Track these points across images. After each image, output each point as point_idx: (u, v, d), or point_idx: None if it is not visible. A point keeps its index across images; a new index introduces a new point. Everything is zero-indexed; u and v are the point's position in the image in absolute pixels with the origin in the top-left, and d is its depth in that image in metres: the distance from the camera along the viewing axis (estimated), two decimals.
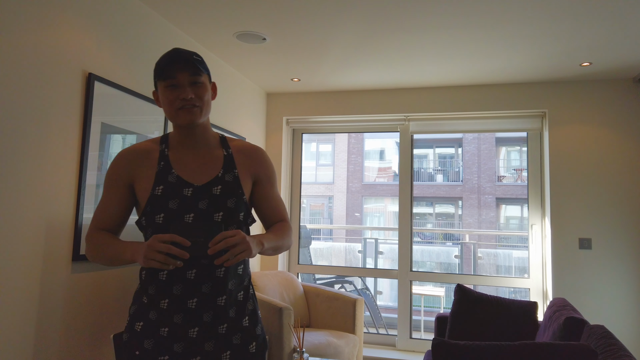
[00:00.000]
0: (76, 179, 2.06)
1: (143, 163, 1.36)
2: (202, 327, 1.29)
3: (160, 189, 1.31)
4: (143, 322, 1.31)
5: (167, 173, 1.33)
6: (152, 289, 1.32)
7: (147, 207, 1.32)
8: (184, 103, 1.31)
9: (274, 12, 2.56)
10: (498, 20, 2.59)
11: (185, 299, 1.28)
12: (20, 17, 1.78)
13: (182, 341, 1.28)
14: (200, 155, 1.39)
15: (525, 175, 12.30)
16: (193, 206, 1.31)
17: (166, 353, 1.27)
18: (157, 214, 1.30)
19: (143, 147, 1.39)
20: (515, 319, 2.75)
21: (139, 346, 1.29)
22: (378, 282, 6.70)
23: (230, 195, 1.35)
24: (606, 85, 3.53)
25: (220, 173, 1.37)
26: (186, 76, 1.31)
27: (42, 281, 1.88)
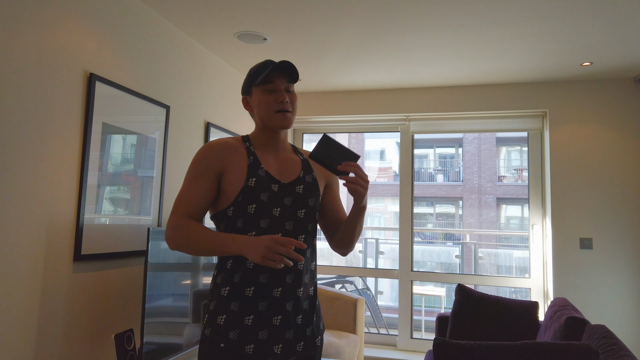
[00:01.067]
0: (77, 179, 2.06)
1: (233, 155, 1.42)
2: (285, 316, 1.35)
3: (254, 181, 1.38)
4: (226, 315, 1.33)
5: (257, 167, 1.41)
6: (238, 277, 1.36)
7: (238, 197, 1.36)
8: (281, 106, 1.41)
9: (274, 13, 2.56)
10: (498, 20, 2.59)
11: (271, 288, 1.34)
12: (21, 17, 1.78)
13: (267, 328, 1.33)
14: (280, 157, 1.49)
15: (525, 175, 12.29)
16: (280, 201, 1.40)
17: (251, 342, 1.31)
18: (250, 204, 1.36)
19: (231, 142, 1.45)
20: (516, 318, 2.75)
21: (224, 338, 1.31)
22: (379, 282, 6.70)
23: (312, 195, 1.47)
24: (607, 85, 3.53)
25: (301, 174, 1.48)
26: (283, 82, 1.43)
27: (43, 281, 1.88)
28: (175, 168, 2.80)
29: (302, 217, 1.42)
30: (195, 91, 3.04)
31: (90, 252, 2.11)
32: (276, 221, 1.37)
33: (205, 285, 2.58)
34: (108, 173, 2.24)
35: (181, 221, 1.35)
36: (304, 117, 4.17)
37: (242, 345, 1.30)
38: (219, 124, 3.33)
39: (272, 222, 1.37)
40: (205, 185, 1.38)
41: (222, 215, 1.40)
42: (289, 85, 1.45)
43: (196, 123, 3.04)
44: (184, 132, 2.89)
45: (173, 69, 2.79)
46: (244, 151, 1.44)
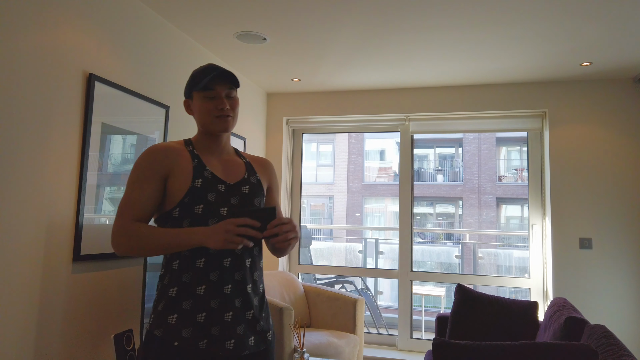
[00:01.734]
0: (77, 179, 2.06)
1: (178, 158, 1.44)
2: (235, 312, 1.39)
3: (200, 182, 1.41)
4: (177, 314, 1.36)
5: (203, 169, 1.44)
6: (187, 277, 1.38)
7: (185, 198, 1.39)
8: (221, 113, 1.45)
9: (274, 13, 2.56)
10: (498, 21, 2.59)
11: (221, 285, 1.38)
12: (20, 18, 1.78)
13: (219, 325, 1.36)
14: (224, 159, 1.53)
15: (525, 175, 12.29)
16: (227, 201, 1.43)
17: (204, 337, 1.34)
18: (197, 205, 1.39)
19: (174, 145, 1.48)
20: (515, 318, 2.75)
21: (178, 337, 1.34)
22: (378, 282, 6.69)
23: (257, 195, 1.51)
24: (606, 85, 3.53)
25: (246, 175, 1.52)
26: (224, 89, 1.47)
27: (42, 281, 1.88)
28: None
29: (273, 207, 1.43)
30: None
31: (89, 252, 2.11)
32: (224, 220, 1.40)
33: None
34: (108, 173, 2.24)
35: (130, 225, 1.37)
36: (303, 117, 4.17)
37: (196, 342, 1.33)
38: None
39: (219, 221, 1.39)
40: (151, 189, 1.40)
41: (167, 216, 1.41)
42: (230, 91, 1.48)
43: (196, 123, 3.04)
44: (183, 132, 2.89)
45: (172, 69, 2.79)
46: (187, 154, 1.46)
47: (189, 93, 1.51)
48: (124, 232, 1.36)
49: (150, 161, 1.42)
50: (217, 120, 1.46)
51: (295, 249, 4.22)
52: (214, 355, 1.35)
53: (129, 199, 1.39)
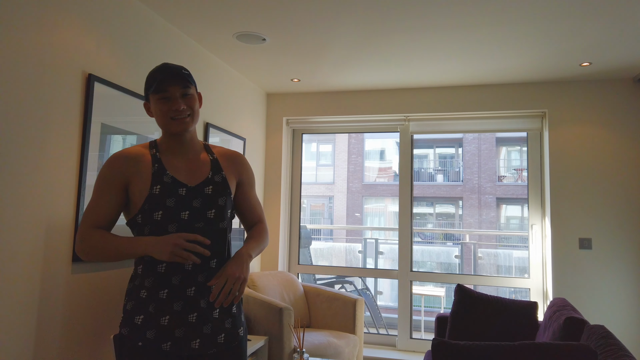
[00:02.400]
0: (76, 179, 2.06)
1: (138, 165, 1.46)
2: (200, 313, 1.41)
3: (158, 188, 1.42)
4: (143, 315, 1.39)
5: (162, 174, 1.45)
6: (149, 282, 1.41)
7: (144, 205, 1.42)
8: (176, 114, 1.44)
9: (273, 13, 2.56)
10: (497, 21, 2.59)
11: (184, 288, 1.40)
12: (20, 18, 1.78)
13: (183, 327, 1.39)
14: (189, 159, 1.52)
15: (525, 175, 12.29)
16: (188, 204, 1.44)
17: (168, 339, 1.38)
18: (156, 212, 1.41)
19: (135, 151, 1.49)
20: (515, 319, 2.75)
21: (142, 337, 1.37)
22: (378, 282, 6.70)
23: (221, 194, 1.50)
24: (606, 85, 3.53)
25: (210, 175, 1.52)
26: (177, 89, 1.44)
27: (42, 281, 1.88)
28: None
29: (212, 218, 1.47)
30: None
31: None
32: (184, 224, 1.43)
33: None
34: None
35: (88, 232, 1.40)
36: (303, 117, 4.17)
37: (159, 344, 1.37)
38: (218, 125, 3.33)
39: (180, 226, 1.42)
40: (110, 197, 1.43)
41: (133, 222, 1.46)
42: (185, 89, 1.46)
43: None
44: None
45: None
46: (149, 159, 1.47)
47: (146, 96, 1.50)
48: (82, 238, 1.40)
49: (109, 170, 1.44)
50: (174, 122, 1.45)
51: (295, 249, 4.23)
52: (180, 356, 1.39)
53: (90, 207, 1.43)
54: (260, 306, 3.00)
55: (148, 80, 1.46)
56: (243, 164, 1.64)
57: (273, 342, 2.89)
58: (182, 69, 1.45)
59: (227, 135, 3.45)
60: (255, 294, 3.10)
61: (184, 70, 1.47)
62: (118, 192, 1.44)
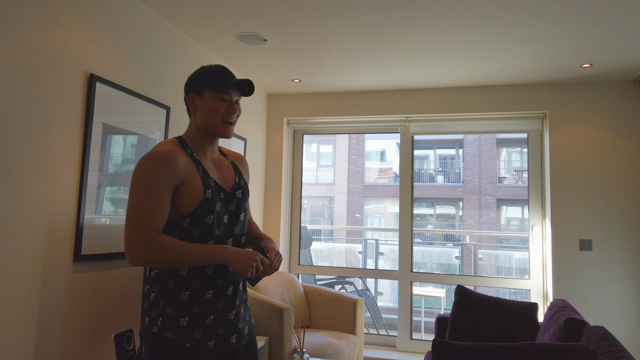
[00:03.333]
0: (77, 179, 2.07)
1: (186, 166, 1.42)
2: (236, 310, 1.51)
3: (210, 193, 1.44)
4: (188, 317, 1.41)
5: (208, 178, 1.46)
6: (197, 283, 1.43)
7: (198, 209, 1.41)
8: (229, 117, 1.49)
9: (275, 13, 2.57)
10: (498, 22, 2.59)
11: (225, 288, 1.47)
12: (22, 18, 1.79)
13: (224, 324, 1.46)
14: (216, 162, 1.56)
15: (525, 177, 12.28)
16: (227, 208, 1.49)
17: (213, 338, 1.43)
18: (208, 215, 1.43)
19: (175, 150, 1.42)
20: (515, 320, 2.75)
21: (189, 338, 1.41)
22: (378, 282, 6.70)
23: (246, 198, 1.58)
24: (607, 87, 3.53)
25: (237, 179, 1.57)
26: (236, 94, 1.51)
27: (43, 281, 1.89)
28: None
29: (242, 220, 1.55)
30: None
31: (90, 252, 2.12)
32: (227, 228, 1.48)
33: None
34: (108, 173, 2.25)
35: (154, 236, 1.32)
36: (304, 118, 4.18)
37: (206, 342, 1.42)
38: None
39: (224, 229, 1.47)
40: (164, 197, 1.36)
41: (175, 225, 1.40)
42: (239, 98, 1.54)
43: None
44: (184, 132, 2.90)
45: (173, 69, 2.79)
46: (190, 159, 1.44)
47: (198, 89, 1.48)
48: (147, 244, 1.30)
49: (164, 168, 1.36)
50: (224, 125, 1.49)
51: (295, 249, 4.23)
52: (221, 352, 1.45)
53: (147, 208, 1.32)
54: (261, 306, 3.00)
55: (208, 74, 1.46)
56: (247, 166, 1.71)
57: (273, 342, 2.89)
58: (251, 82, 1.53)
59: None
60: (255, 294, 3.10)
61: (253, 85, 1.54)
62: (170, 192, 1.38)
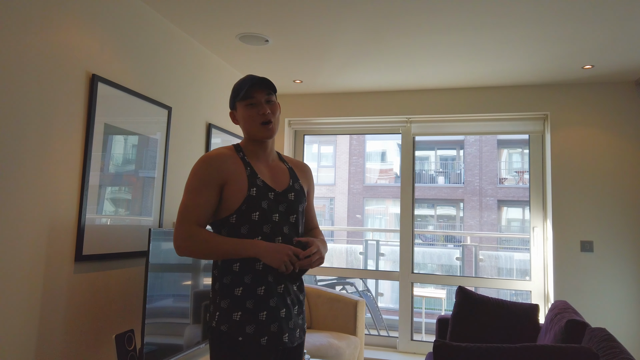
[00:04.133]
0: (79, 179, 2.07)
1: (233, 167, 1.53)
2: (287, 309, 1.52)
3: (255, 190, 1.51)
4: (241, 312, 1.46)
5: (255, 177, 1.54)
6: (249, 278, 1.49)
7: (242, 206, 1.49)
8: (263, 118, 1.54)
9: (276, 14, 2.57)
10: (500, 23, 2.59)
11: (276, 285, 1.50)
12: (23, 18, 1.79)
13: (277, 322, 1.49)
14: (271, 166, 1.63)
15: (526, 178, 12.27)
16: (276, 208, 1.54)
17: (265, 334, 1.46)
18: (253, 212, 1.50)
19: (227, 152, 1.56)
20: (516, 321, 2.75)
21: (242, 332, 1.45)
22: (379, 283, 6.69)
23: (301, 202, 1.62)
24: (608, 88, 3.53)
25: (291, 182, 1.62)
26: (262, 95, 1.56)
27: (44, 281, 1.89)
28: (176, 169, 2.81)
29: (293, 222, 1.58)
30: (197, 92, 3.04)
31: (91, 252, 2.12)
32: (276, 226, 1.52)
33: (206, 285, 2.58)
34: (109, 173, 2.25)
35: (195, 229, 1.46)
36: (305, 118, 4.18)
37: (258, 338, 1.45)
38: (220, 126, 3.34)
39: (273, 227, 1.51)
40: (209, 195, 1.49)
41: (224, 222, 1.52)
42: (269, 96, 1.57)
43: (198, 124, 3.05)
44: (185, 133, 2.90)
45: (175, 70, 2.79)
46: (240, 161, 1.55)
47: (233, 104, 1.61)
48: (188, 236, 1.45)
49: (207, 168, 1.50)
50: (262, 128, 1.54)
51: None
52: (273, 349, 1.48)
53: (191, 204, 1.48)
54: None
55: (235, 89, 1.57)
56: (310, 174, 1.77)
57: None
58: (266, 78, 1.57)
59: (228, 136, 3.45)
60: None
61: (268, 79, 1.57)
62: (217, 190, 1.50)
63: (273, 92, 1.59)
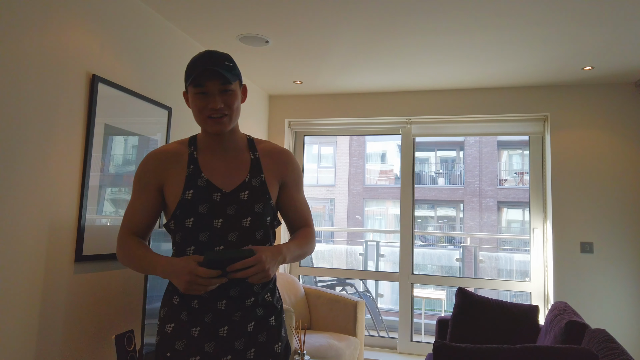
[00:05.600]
0: (79, 180, 2.07)
1: (173, 166, 1.35)
2: (231, 326, 1.30)
3: (190, 193, 1.31)
4: (174, 324, 1.30)
5: (197, 177, 1.33)
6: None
7: (176, 211, 1.31)
8: (212, 112, 1.30)
9: (277, 15, 2.57)
10: (500, 24, 2.60)
11: (215, 301, 1.30)
12: (24, 19, 1.79)
13: (213, 340, 1.29)
14: (228, 159, 1.39)
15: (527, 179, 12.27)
16: (222, 211, 1.32)
17: (197, 353, 1.27)
18: (187, 218, 1.30)
19: (172, 149, 1.38)
20: (516, 322, 2.74)
21: (171, 348, 1.29)
22: (379, 284, 6.69)
23: (258, 200, 1.35)
24: (608, 90, 3.53)
25: (247, 178, 1.37)
26: (216, 85, 1.29)
27: (44, 282, 1.89)
28: None
29: (247, 226, 1.33)
30: None
31: (91, 252, 2.12)
32: (217, 233, 1.30)
33: None
34: (110, 174, 2.25)
35: (123, 237, 1.34)
36: (306, 119, 4.18)
37: (187, 357, 1.26)
38: None
39: (212, 234, 1.30)
40: (144, 199, 1.34)
41: (168, 227, 1.36)
42: (225, 86, 1.29)
43: (198, 125, 3.05)
44: (185, 133, 2.90)
45: (175, 70, 2.80)
46: (185, 159, 1.36)
47: (185, 85, 1.35)
48: (119, 245, 1.34)
49: (143, 171, 1.36)
50: (210, 121, 1.31)
51: None
52: None
53: (129, 209, 1.36)
54: None
55: (188, 69, 1.31)
56: (288, 163, 1.45)
57: None
58: (224, 59, 1.29)
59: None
60: None
61: (227, 61, 1.30)
62: (152, 194, 1.34)
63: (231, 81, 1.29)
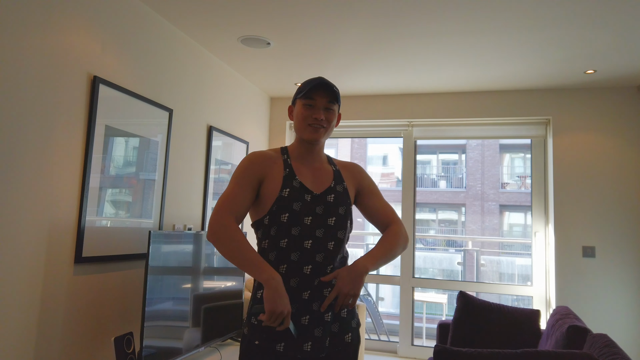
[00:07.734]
0: (79, 181, 2.07)
1: (272, 166, 1.55)
2: (312, 315, 1.45)
3: (287, 191, 1.51)
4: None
5: (292, 178, 1.54)
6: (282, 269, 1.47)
7: (273, 207, 1.49)
8: (314, 122, 1.54)
9: (278, 17, 2.57)
10: (502, 28, 2.59)
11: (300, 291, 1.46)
12: (25, 20, 1.80)
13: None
14: (315, 168, 1.62)
15: (529, 183, 12.25)
16: (312, 210, 1.52)
17: (282, 340, 1.43)
18: (283, 213, 1.48)
19: (271, 154, 1.59)
20: (517, 326, 2.73)
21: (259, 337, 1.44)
22: (380, 288, 6.67)
23: (341, 204, 1.58)
24: (610, 93, 3.52)
25: (332, 184, 1.60)
26: (323, 101, 1.54)
27: (44, 283, 1.89)
28: (177, 171, 2.80)
29: (332, 225, 1.53)
30: (198, 95, 3.05)
31: (91, 254, 2.11)
32: (306, 229, 1.48)
33: (205, 289, 2.57)
34: (110, 175, 2.25)
35: (230, 220, 1.44)
36: None
37: (274, 344, 1.42)
38: (221, 128, 3.34)
39: (302, 230, 1.48)
40: (247, 189, 1.51)
41: (260, 223, 1.52)
42: (329, 104, 1.55)
43: (199, 127, 3.05)
44: (186, 135, 2.90)
45: (176, 72, 2.80)
46: (281, 163, 1.57)
47: (293, 100, 1.61)
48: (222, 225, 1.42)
49: (249, 164, 1.54)
50: (309, 128, 1.54)
51: None
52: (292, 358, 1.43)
53: (229, 195, 1.48)
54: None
55: (302, 85, 1.56)
56: (360, 172, 1.71)
57: None
58: (333, 86, 1.55)
59: (229, 139, 3.45)
60: None
61: (335, 87, 1.56)
62: (253, 185, 1.51)
63: (336, 102, 1.56)
